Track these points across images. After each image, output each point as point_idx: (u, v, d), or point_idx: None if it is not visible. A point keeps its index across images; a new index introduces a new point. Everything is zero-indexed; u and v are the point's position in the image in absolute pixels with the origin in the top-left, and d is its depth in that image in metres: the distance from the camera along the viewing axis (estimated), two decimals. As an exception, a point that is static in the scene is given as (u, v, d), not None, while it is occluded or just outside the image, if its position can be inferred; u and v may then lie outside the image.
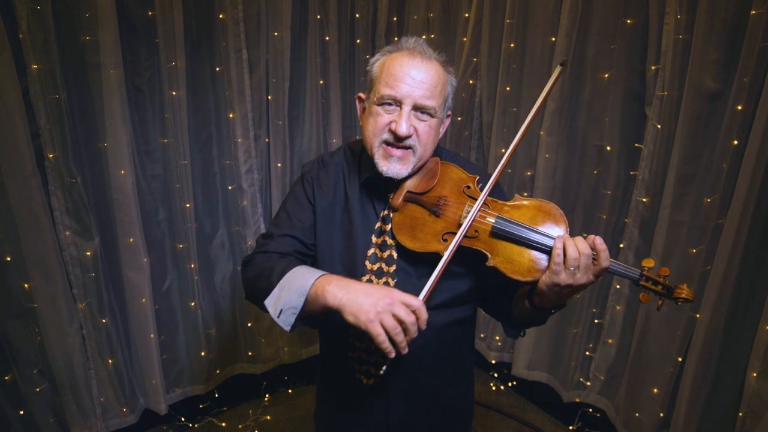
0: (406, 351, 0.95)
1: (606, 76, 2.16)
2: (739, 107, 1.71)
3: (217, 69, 2.28)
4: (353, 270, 1.18)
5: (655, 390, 2.09)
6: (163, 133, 2.20)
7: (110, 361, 2.22)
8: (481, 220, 1.09)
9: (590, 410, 2.47)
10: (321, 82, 2.60)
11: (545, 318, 1.15)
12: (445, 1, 2.79)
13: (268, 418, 2.63)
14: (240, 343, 2.68)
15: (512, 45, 2.47)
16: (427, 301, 1.03)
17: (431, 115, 1.10)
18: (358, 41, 2.73)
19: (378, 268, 1.16)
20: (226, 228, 2.51)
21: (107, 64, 1.94)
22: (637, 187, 2.12)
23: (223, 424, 2.57)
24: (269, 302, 1.07)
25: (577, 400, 2.49)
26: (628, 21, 2.05)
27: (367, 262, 1.16)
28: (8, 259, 1.88)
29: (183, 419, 2.53)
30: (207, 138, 2.35)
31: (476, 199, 1.10)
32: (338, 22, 2.60)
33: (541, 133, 2.39)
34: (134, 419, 2.35)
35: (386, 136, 1.10)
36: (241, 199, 2.48)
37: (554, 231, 1.06)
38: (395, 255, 1.15)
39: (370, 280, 1.15)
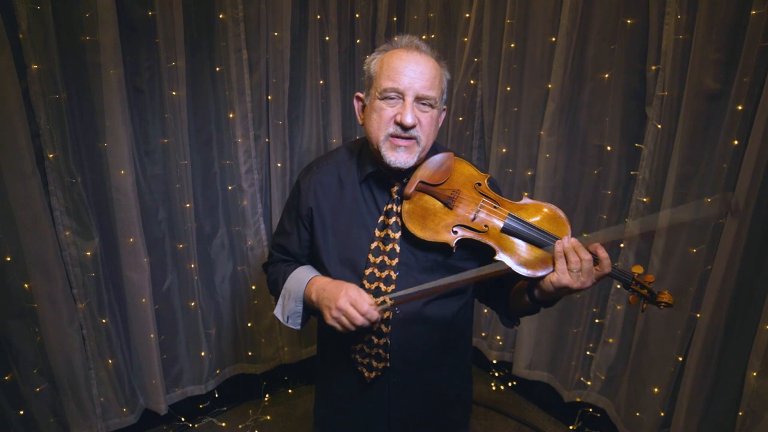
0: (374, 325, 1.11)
1: (606, 76, 2.16)
2: (740, 107, 1.71)
3: (217, 69, 2.28)
4: (355, 263, 1.22)
5: (656, 389, 2.10)
6: (163, 133, 2.19)
7: (110, 361, 2.22)
8: (493, 216, 1.15)
9: (590, 410, 2.47)
10: (321, 82, 2.59)
11: (539, 309, 1.25)
12: (445, 1, 2.79)
13: (268, 418, 2.63)
14: (240, 343, 2.68)
15: (513, 45, 2.47)
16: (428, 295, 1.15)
17: (432, 106, 1.15)
18: (358, 41, 2.73)
19: (380, 261, 1.20)
20: (226, 228, 2.51)
21: (107, 64, 1.93)
22: (638, 187, 2.12)
23: (223, 424, 2.57)
24: (277, 312, 1.28)
25: (578, 399, 2.49)
26: (628, 21, 2.05)
27: (370, 255, 1.20)
28: (8, 259, 1.87)
29: (183, 419, 2.53)
30: (207, 138, 2.35)
31: (487, 197, 1.18)
32: (338, 22, 2.60)
33: (542, 133, 2.39)
34: (134, 419, 2.35)
35: (392, 129, 1.13)
36: (241, 199, 2.48)
37: (558, 233, 1.14)
38: (398, 248, 1.19)
39: (372, 273, 1.19)
